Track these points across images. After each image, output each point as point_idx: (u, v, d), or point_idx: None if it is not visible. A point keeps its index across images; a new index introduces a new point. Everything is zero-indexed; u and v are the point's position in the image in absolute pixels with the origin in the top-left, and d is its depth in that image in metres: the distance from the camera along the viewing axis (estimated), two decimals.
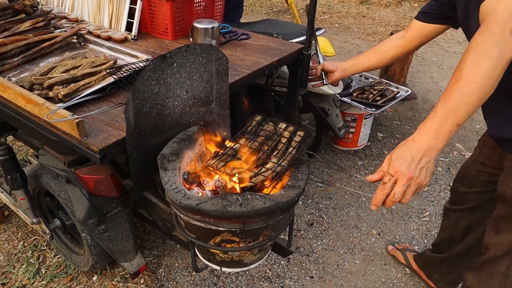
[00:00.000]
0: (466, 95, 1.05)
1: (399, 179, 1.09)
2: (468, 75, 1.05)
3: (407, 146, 1.10)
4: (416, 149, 1.08)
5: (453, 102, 1.05)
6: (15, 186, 1.91)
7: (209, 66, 1.54)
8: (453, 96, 1.05)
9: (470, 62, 1.06)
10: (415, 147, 1.08)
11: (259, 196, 1.21)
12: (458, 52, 5.57)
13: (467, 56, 1.07)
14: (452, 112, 1.05)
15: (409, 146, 1.10)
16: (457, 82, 1.06)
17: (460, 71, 1.06)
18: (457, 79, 1.06)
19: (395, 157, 1.10)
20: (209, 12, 2.38)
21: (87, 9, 2.35)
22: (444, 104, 1.07)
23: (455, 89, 1.06)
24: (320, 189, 2.95)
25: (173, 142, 1.47)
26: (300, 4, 7.31)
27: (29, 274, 2.24)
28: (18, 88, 1.46)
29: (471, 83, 1.04)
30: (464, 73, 1.05)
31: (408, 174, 1.07)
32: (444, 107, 1.06)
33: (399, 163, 1.09)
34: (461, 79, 1.05)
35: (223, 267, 1.46)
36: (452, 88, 1.07)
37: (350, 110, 3.05)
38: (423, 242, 2.54)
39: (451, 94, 1.06)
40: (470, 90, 1.04)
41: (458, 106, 1.05)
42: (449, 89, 1.08)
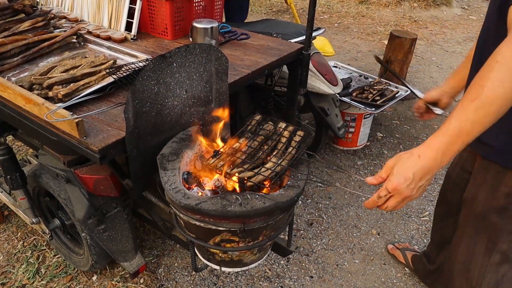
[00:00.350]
0: (484, 116, 0.96)
1: (395, 196, 1.05)
2: (490, 95, 0.94)
3: (411, 162, 1.02)
4: (420, 167, 1.01)
5: (467, 122, 0.96)
6: (15, 186, 1.91)
7: (209, 66, 1.55)
8: (470, 116, 0.96)
9: (495, 81, 0.94)
10: (419, 165, 1.01)
11: (258, 195, 1.21)
12: (457, 52, 5.57)
13: (491, 71, 0.96)
14: (465, 133, 0.97)
15: (413, 163, 1.02)
16: (475, 100, 0.96)
17: (481, 87, 0.96)
18: (476, 96, 0.96)
19: (396, 172, 1.03)
20: (208, 12, 2.38)
21: (86, 9, 2.35)
22: (458, 123, 0.97)
23: (473, 108, 0.96)
24: (319, 189, 2.95)
25: (172, 142, 1.47)
26: (299, 4, 7.31)
27: (28, 274, 2.24)
28: (18, 88, 1.46)
29: (492, 104, 0.95)
30: (485, 92, 0.95)
31: (406, 194, 1.03)
32: (457, 126, 0.97)
33: (399, 182, 1.02)
34: (481, 98, 0.95)
35: (223, 267, 1.46)
36: (470, 106, 0.96)
37: (350, 110, 3.05)
38: (423, 241, 2.54)
39: (467, 113, 0.97)
40: (490, 111, 0.95)
41: (473, 127, 0.97)
42: (465, 107, 0.97)
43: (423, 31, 6.29)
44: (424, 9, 7.13)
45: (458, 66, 1.72)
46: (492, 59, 0.97)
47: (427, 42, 5.88)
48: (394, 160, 1.06)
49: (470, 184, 1.52)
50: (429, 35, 6.18)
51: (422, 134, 3.67)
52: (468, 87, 0.99)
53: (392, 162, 1.06)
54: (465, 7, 7.59)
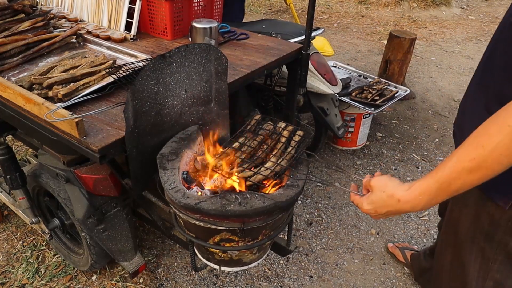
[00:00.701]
0: (477, 179, 0.89)
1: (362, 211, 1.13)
2: (490, 161, 0.85)
3: (389, 203, 1.03)
4: (395, 210, 1.02)
5: (459, 181, 0.90)
6: (15, 185, 1.91)
7: (208, 65, 1.55)
8: (463, 175, 0.89)
9: (501, 149, 0.83)
10: (395, 208, 1.02)
11: (258, 195, 1.22)
12: (456, 51, 5.58)
13: (498, 135, 0.84)
14: (453, 190, 0.92)
15: (390, 204, 1.03)
16: (473, 160, 0.87)
17: (483, 149, 0.85)
18: (474, 156, 0.87)
19: (371, 201, 1.08)
20: (208, 12, 2.38)
21: (86, 9, 2.35)
22: (449, 179, 0.91)
23: (468, 169, 0.88)
24: (319, 189, 2.96)
25: (172, 141, 1.47)
26: (298, 4, 7.31)
27: (28, 273, 2.24)
28: (18, 88, 1.47)
29: (490, 170, 0.87)
30: (487, 157, 0.85)
31: (372, 217, 1.11)
32: (447, 181, 0.92)
33: (369, 211, 1.09)
34: (480, 161, 0.86)
35: (222, 266, 1.46)
36: (465, 164, 0.88)
37: (349, 110, 3.06)
38: (422, 241, 2.55)
39: (461, 172, 0.89)
40: (486, 175, 0.88)
41: (463, 186, 0.91)
42: (461, 162, 0.89)
43: (422, 31, 6.29)
44: (423, 9, 7.14)
45: None
46: (502, 118, 0.85)
47: (426, 42, 5.89)
48: (378, 185, 1.07)
49: (453, 202, 1.47)
50: (428, 35, 6.18)
51: (421, 133, 3.68)
52: (471, 138, 0.89)
53: (375, 184, 1.08)
54: (464, 7, 7.60)
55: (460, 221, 1.41)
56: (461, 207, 1.41)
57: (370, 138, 3.52)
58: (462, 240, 1.42)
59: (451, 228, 1.48)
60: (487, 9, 7.61)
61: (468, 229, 1.38)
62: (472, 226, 1.36)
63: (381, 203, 1.05)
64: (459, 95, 4.40)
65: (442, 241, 1.60)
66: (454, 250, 1.48)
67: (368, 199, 1.09)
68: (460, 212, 1.41)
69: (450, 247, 1.51)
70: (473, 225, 1.36)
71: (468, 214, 1.37)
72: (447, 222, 1.52)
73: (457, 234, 1.43)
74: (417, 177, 3.11)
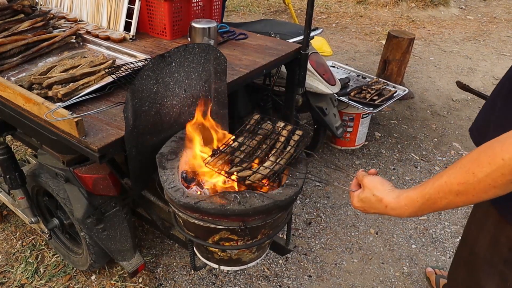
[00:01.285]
0: (461, 202, 0.92)
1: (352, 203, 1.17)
2: (478, 190, 0.87)
3: (376, 206, 1.08)
4: (381, 212, 1.07)
5: (444, 200, 0.93)
6: (14, 185, 1.91)
7: (208, 65, 1.55)
8: (449, 196, 0.92)
9: (492, 180, 0.85)
10: (381, 211, 1.07)
11: (257, 194, 1.22)
12: (455, 51, 5.59)
13: (490, 165, 0.85)
14: (437, 207, 0.96)
15: (377, 207, 1.08)
16: (461, 184, 0.89)
17: (474, 176, 0.87)
18: (464, 181, 0.88)
19: (360, 200, 1.12)
20: (207, 12, 2.38)
21: (85, 9, 2.36)
22: (435, 196, 0.94)
23: (455, 192, 0.90)
24: (318, 188, 2.96)
25: (171, 141, 1.47)
26: (297, 4, 7.31)
27: (27, 273, 2.24)
28: (18, 88, 1.47)
29: (476, 196, 0.89)
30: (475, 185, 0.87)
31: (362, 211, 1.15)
32: (432, 198, 0.94)
33: (357, 208, 1.14)
34: (467, 187, 0.88)
35: (222, 266, 1.47)
36: (453, 187, 0.90)
37: (348, 110, 3.06)
38: (421, 241, 2.55)
39: (447, 193, 0.92)
40: (470, 200, 0.91)
41: (447, 205, 0.94)
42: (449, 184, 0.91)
43: (420, 31, 6.30)
44: (421, 9, 7.15)
45: None
46: (497, 150, 0.85)
47: (424, 42, 5.90)
48: (370, 185, 1.10)
49: (470, 221, 1.46)
50: (426, 35, 6.19)
51: (420, 133, 3.68)
52: (464, 161, 0.91)
53: (367, 183, 1.12)
54: (463, 7, 7.61)
55: (478, 242, 1.39)
56: (478, 228, 1.39)
57: (368, 138, 3.53)
58: (479, 260, 1.40)
59: (468, 246, 1.46)
60: (485, 9, 7.63)
61: (486, 251, 1.36)
62: (490, 249, 1.34)
63: (370, 204, 1.10)
64: (457, 95, 4.41)
65: (459, 257, 1.57)
66: (470, 268, 1.46)
67: (359, 196, 1.13)
68: (478, 233, 1.39)
69: (466, 264, 1.49)
70: (491, 248, 1.34)
71: (485, 236, 1.35)
72: (464, 239, 1.50)
73: (474, 253, 1.41)
74: (415, 177, 3.12)
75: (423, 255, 2.46)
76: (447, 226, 2.67)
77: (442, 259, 2.44)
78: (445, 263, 2.40)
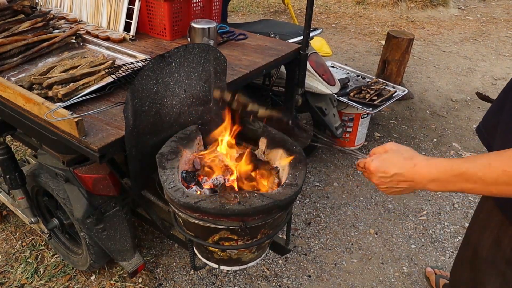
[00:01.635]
0: (498, 192, 0.89)
1: (369, 177, 1.07)
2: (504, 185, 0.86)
3: (402, 163, 0.99)
4: (406, 172, 0.98)
5: (478, 184, 0.89)
6: (14, 185, 1.91)
7: (207, 65, 1.56)
8: (489, 186, 0.88)
9: None
10: (407, 171, 0.98)
11: (257, 194, 1.22)
12: (454, 52, 5.60)
13: None
14: (467, 189, 0.92)
15: (403, 165, 0.99)
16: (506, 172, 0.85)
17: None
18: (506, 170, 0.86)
19: (383, 159, 1.03)
20: (206, 12, 2.38)
21: (85, 9, 2.36)
22: (467, 176, 0.90)
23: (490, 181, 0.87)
24: (317, 188, 2.96)
25: (171, 141, 1.48)
26: (297, 5, 7.32)
27: (27, 273, 2.24)
28: (18, 88, 1.47)
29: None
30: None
31: (374, 181, 1.05)
32: (465, 174, 0.90)
33: (376, 169, 1.03)
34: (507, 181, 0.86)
35: (222, 265, 1.47)
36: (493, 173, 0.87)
37: (347, 110, 3.07)
38: (421, 241, 2.56)
39: (487, 180, 0.88)
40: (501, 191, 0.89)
41: (478, 190, 0.91)
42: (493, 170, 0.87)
43: (420, 31, 6.31)
44: (421, 9, 7.16)
45: None
46: None
47: (424, 42, 5.90)
48: (396, 147, 1.04)
49: (473, 221, 1.46)
50: (426, 35, 6.20)
51: (419, 133, 3.69)
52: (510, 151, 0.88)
53: (391, 147, 1.05)
54: (462, 8, 7.62)
55: (481, 242, 1.39)
56: (481, 228, 1.38)
57: (368, 138, 3.53)
58: (482, 260, 1.40)
59: (471, 246, 1.47)
60: (485, 10, 7.64)
61: (489, 251, 1.36)
62: (493, 249, 1.34)
63: (395, 162, 1.00)
64: (456, 95, 4.41)
65: (461, 256, 1.57)
66: (473, 267, 1.46)
67: (380, 157, 1.04)
68: (481, 234, 1.39)
69: (468, 263, 1.49)
70: (494, 248, 1.34)
71: (489, 237, 1.35)
72: (467, 239, 1.50)
73: (477, 253, 1.41)
74: None
75: (422, 255, 2.46)
76: (446, 226, 2.67)
77: (441, 259, 2.44)
78: (444, 263, 2.41)
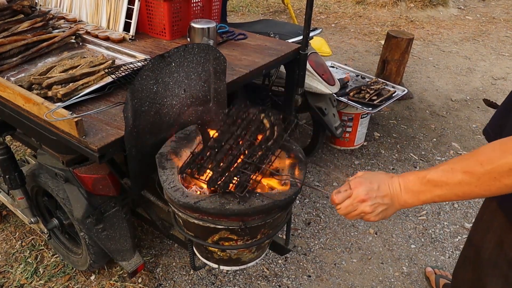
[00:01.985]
0: (463, 194, 0.90)
1: (352, 197, 1.04)
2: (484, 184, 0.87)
3: (383, 177, 1.02)
4: (386, 184, 1.00)
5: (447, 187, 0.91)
6: (13, 185, 1.91)
7: (207, 65, 1.56)
8: (453, 188, 0.90)
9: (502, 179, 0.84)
10: (387, 182, 1.00)
11: (257, 194, 1.22)
12: (454, 51, 5.60)
13: (504, 166, 0.84)
14: (435, 197, 0.94)
15: (384, 179, 1.02)
16: (468, 173, 0.87)
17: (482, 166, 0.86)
18: (471, 169, 0.87)
19: (365, 175, 1.05)
20: (206, 12, 2.38)
21: (85, 9, 2.36)
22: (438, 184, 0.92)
23: (458, 179, 0.89)
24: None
25: (171, 141, 1.48)
26: (296, 5, 7.32)
27: (27, 273, 2.24)
28: (17, 88, 1.47)
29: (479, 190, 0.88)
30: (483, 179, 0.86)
31: (362, 197, 1.02)
32: (431, 183, 0.93)
33: (362, 182, 1.03)
34: (473, 178, 0.87)
35: (221, 265, 1.47)
36: (457, 175, 0.89)
37: (347, 110, 3.07)
38: (420, 241, 2.56)
39: (452, 179, 0.90)
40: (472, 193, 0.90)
41: (445, 196, 0.93)
42: (454, 171, 0.89)
43: (419, 31, 6.31)
44: (420, 9, 7.16)
45: None
46: (509, 146, 0.85)
47: (423, 42, 5.90)
48: (370, 173, 1.07)
49: (477, 222, 1.46)
50: (425, 35, 6.20)
51: (419, 133, 3.69)
52: (478, 151, 0.89)
53: (362, 173, 1.07)
54: (462, 7, 7.62)
55: (483, 244, 1.39)
56: (484, 230, 1.39)
57: (368, 138, 3.53)
58: (484, 262, 1.40)
59: (473, 247, 1.47)
60: (484, 10, 7.64)
61: (491, 253, 1.36)
62: (496, 251, 1.34)
63: (375, 177, 1.03)
64: (456, 95, 4.41)
65: (464, 257, 1.57)
66: (475, 268, 1.46)
67: (360, 181, 1.04)
68: (484, 235, 1.39)
69: (471, 264, 1.50)
70: (496, 250, 1.34)
71: (491, 239, 1.35)
72: (470, 240, 1.50)
73: (480, 255, 1.41)
74: None
75: (422, 255, 2.46)
76: (446, 226, 2.68)
77: (441, 259, 2.44)
78: (444, 263, 2.41)
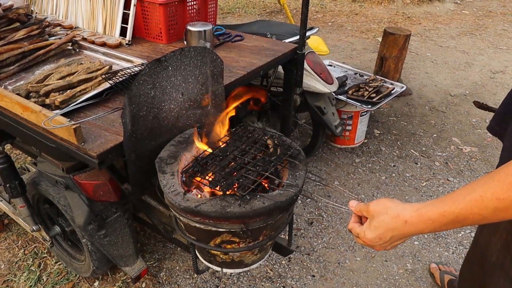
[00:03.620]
0: (501, 217, 0.82)
1: (360, 237, 1.00)
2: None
3: (394, 225, 0.91)
4: (401, 233, 0.92)
5: (478, 216, 0.82)
6: (14, 194, 1.91)
7: (204, 68, 1.55)
8: (484, 212, 0.81)
9: None
10: (401, 231, 0.91)
11: (258, 195, 1.22)
12: (451, 46, 5.59)
13: None
14: (466, 222, 0.84)
15: (395, 226, 0.91)
16: (502, 200, 0.78)
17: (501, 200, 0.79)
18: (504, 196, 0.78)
19: (374, 228, 0.95)
20: (202, 15, 2.38)
21: (81, 15, 2.36)
22: (465, 215, 0.83)
23: (492, 208, 0.80)
24: (318, 188, 2.96)
25: (170, 145, 1.47)
26: (292, 4, 7.32)
27: (30, 282, 2.24)
28: (15, 96, 1.47)
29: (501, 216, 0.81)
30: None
31: (376, 249, 0.99)
32: (463, 214, 0.83)
33: (372, 239, 0.96)
34: (508, 206, 0.78)
35: (224, 268, 1.47)
36: (491, 203, 0.80)
37: (346, 108, 3.06)
38: (423, 237, 2.55)
39: (483, 209, 0.80)
40: (505, 216, 0.81)
41: (480, 221, 0.84)
42: (485, 199, 0.80)
43: (416, 27, 6.31)
44: (417, 5, 7.16)
45: None
46: None
47: (421, 38, 5.90)
48: (379, 208, 0.96)
49: (482, 225, 1.44)
50: (422, 31, 6.20)
51: (419, 129, 3.68)
52: (501, 174, 0.80)
53: (374, 209, 0.97)
54: (458, 2, 7.62)
55: (489, 247, 1.38)
56: (490, 233, 1.37)
57: (368, 136, 3.53)
58: (490, 265, 1.39)
59: (479, 249, 1.46)
60: (481, 3, 7.64)
61: (498, 256, 1.34)
62: (502, 254, 1.32)
63: (385, 226, 0.93)
64: (455, 89, 4.41)
65: (470, 259, 1.56)
66: (481, 270, 1.45)
67: (370, 225, 0.96)
68: (490, 238, 1.38)
69: (476, 266, 1.49)
70: (502, 253, 1.32)
71: (497, 242, 1.33)
72: (476, 242, 1.50)
73: (485, 257, 1.40)
74: (416, 173, 3.11)
75: (426, 251, 2.46)
76: None
77: (445, 254, 2.44)
78: (448, 259, 2.40)
